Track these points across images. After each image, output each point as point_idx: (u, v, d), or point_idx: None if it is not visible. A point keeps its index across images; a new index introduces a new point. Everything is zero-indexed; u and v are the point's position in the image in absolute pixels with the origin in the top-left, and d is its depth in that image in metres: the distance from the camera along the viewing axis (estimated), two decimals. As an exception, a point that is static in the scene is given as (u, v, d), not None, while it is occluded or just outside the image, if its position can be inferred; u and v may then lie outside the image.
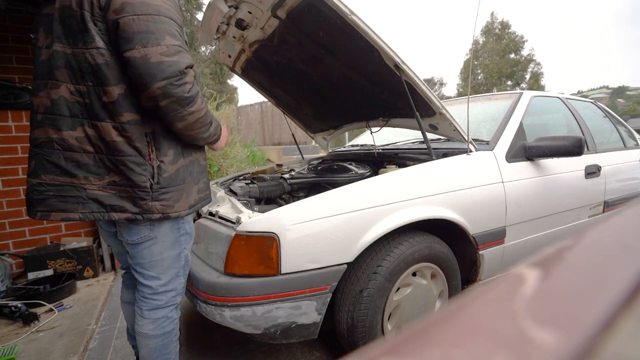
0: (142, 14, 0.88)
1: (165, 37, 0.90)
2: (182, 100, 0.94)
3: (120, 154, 0.95)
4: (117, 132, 0.95)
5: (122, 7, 0.88)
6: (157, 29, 0.89)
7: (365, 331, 1.30)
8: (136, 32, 0.88)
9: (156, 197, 1.00)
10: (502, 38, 26.25)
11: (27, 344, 1.78)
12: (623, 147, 2.54)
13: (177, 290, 1.16)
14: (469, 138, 1.61)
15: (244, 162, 6.28)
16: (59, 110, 0.94)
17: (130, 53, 0.88)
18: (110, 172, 0.97)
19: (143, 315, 1.12)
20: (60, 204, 0.96)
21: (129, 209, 0.99)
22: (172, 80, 0.90)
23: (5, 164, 2.61)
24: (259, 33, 1.80)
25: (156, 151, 1.00)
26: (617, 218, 0.33)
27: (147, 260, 1.08)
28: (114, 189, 0.98)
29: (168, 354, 1.15)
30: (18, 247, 2.65)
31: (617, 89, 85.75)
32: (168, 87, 0.90)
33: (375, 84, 1.84)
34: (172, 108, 0.93)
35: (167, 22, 0.91)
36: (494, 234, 1.59)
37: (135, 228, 1.04)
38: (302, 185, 1.97)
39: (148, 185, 0.98)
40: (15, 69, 2.66)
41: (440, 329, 0.20)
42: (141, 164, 0.97)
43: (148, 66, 0.88)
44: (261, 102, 10.17)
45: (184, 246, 1.15)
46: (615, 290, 0.21)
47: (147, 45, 0.88)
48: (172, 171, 1.03)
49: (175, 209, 1.04)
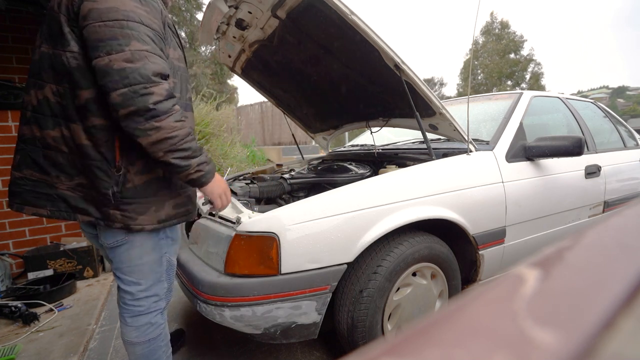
0: (108, 20, 0.86)
1: (130, 43, 0.86)
2: (145, 112, 0.85)
3: (87, 158, 0.95)
4: (86, 136, 0.94)
5: (89, 14, 0.86)
6: (122, 34, 0.86)
7: (365, 331, 1.30)
8: (101, 40, 0.85)
9: (117, 206, 0.97)
10: (502, 38, 26.26)
11: (27, 344, 1.78)
12: (623, 147, 2.54)
13: (159, 296, 1.12)
14: (469, 138, 1.61)
15: (244, 162, 6.28)
16: (42, 109, 0.95)
17: (96, 61, 0.86)
18: (80, 174, 0.97)
19: (126, 322, 1.10)
20: (33, 199, 0.98)
21: (92, 212, 0.98)
22: (134, 87, 0.84)
23: (6, 164, 2.61)
24: (259, 33, 1.80)
25: (124, 159, 0.97)
26: (617, 218, 0.33)
27: (125, 264, 1.05)
28: (81, 191, 0.98)
29: (157, 358, 1.13)
30: (18, 247, 2.65)
31: (617, 89, 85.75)
32: (129, 94, 0.84)
33: (375, 84, 1.84)
34: (132, 119, 0.86)
35: (135, 27, 0.88)
36: (494, 234, 1.59)
37: (110, 231, 1.01)
38: (302, 185, 1.97)
39: (110, 192, 0.96)
40: (15, 69, 2.66)
41: (440, 329, 0.20)
42: (105, 170, 0.95)
43: (111, 73, 0.84)
44: (261, 102, 10.18)
45: (165, 250, 1.10)
46: (615, 290, 0.21)
47: (111, 53, 0.85)
48: (139, 182, 0.99)
49: (138, 221, 0.99)
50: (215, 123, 5.72)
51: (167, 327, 1.18)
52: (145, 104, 0.85)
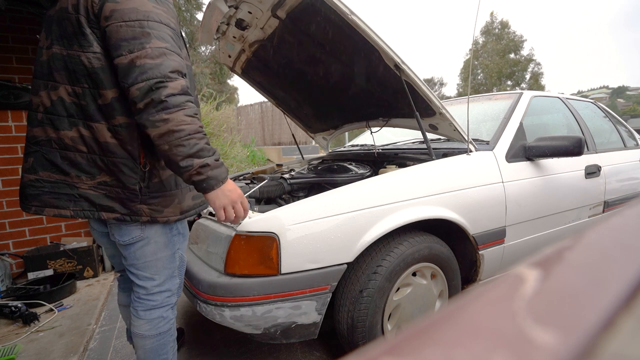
0: (129, 20, 0.88)
1: (151, 41, 0.89)
2: (157, 104, 0.87)
3: (113, 156, 0.97)
4: (111, 134, 0.96)
5: (111, 14, 0.89)
6: (143, 33, 0.89)
7: (365, 331, 1.30)
8: (123, 39, 0.88)
9: (144, 201, 1.00)
10: (501, 38, 26.26)
11: (27, 344, 1.78)
12: (623, 147, 2.54)
13: (171, 291, 1.15)
14: (469, 138, 1.61)
15: (244, 162, 6.28)
16: (57, 110, 0.96)
17: (118, 60, 0.89)
18: (102, 173, 0.98)
19: (138, 316, 1.12)
20: (53, 200, 0.98)
21: (117, 209, 1.00)
22: (151, 82, 0.87)
23: (6, 164, 2.62)
24: (259, 33, 1.80)
25: (151, 155, 1.00)
26: (617, 218, 0.33)
27: (140, 261, 1.08)
28: (104, 189, 0.99)
29: (165, 354, 1.15)
30: (18, 247, 2.65)
31: (617, 89, 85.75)
32: (145, 88, 0.86)
33: (375, 84, 1.84)
34: (145, 111, 0.88)
35: (155, 27, 0.91)
36: (494, 234, 1.59)
37: (126, 228, 1.03)
38: (302, 185, 1.97)
39: (137, 188, 0.99)
40: (15, 69, 2.66)
41: (440, 329, 0.20)
42: (132, 167, 0.98)
43: (132, 70, 0.87)
44: (261, 102, 10.18)
45: (178, 246, 1.14)
46: (615, 290, 0.21)
47: (133, 51, 0.88)
48: (164, 177, 1.03)
49: (164, 214, 1.04)
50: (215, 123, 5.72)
51: (175, 323, 1.20)
52: (159, 96, 0.87)
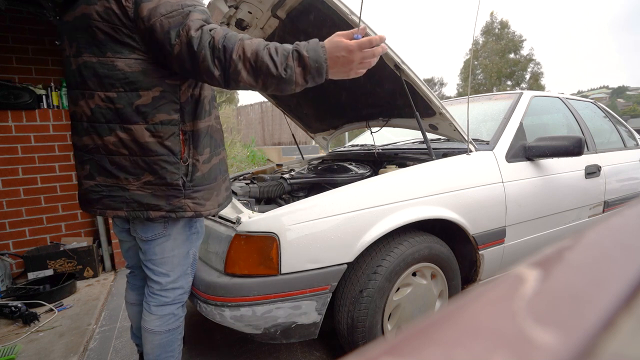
0: (167, 13, 0.90)
1: (189, 16, 0.91)
2: (221, 53, 0.88)
3: (153, 154, 0.99)
4: (150, 133, 0.98)
5: (150, 14, 0.90)
6: (183, 15, 0.91)
7: (365, 331, 1.30)
8: (170, 30, 0.89)
9: (188, 195, 1.03)
10: (501, 38, 26.25)
11: (27, 344, 1.78)
12: (623, 147, 2.54)
13: (184, 289, 1.17)
14: (469, 138, 1.61)
15: (244, 162, 6.28)
16: (97, 118, 0.98)
17: (174, 49, 0.90)
18: (145, 173, 1.00)
19: (151, 311, 1.14)
20: (111, 202, 1.03)
21: (163, 207, 1.02)
22: (204, 44, 0.88)
23: (6, 163, 2.62)
24: (259, 33, 1.80)
25: (193, 150, 1.03)
26: (617, 218, 0.33)
27: (158, 256, 1.10)
28: (150, 188, 1.01)
29: (172, 351, 1.17)
30: (18, 247, 2.65)
31: (617, 89, 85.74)
32: (207, 51, 0.88)
33: (375, 84, 1.84)
34: (210, 60, 0.88)
35: (189, 7, 0.93)
36: (494, 234, 1.59)
37: (150, 225, 1.06)
38: (302, 185, 1.97)
39: (180, 183, 1.01)
40: (15, 69, 2.66)
41: (440, 329, 0.20)
42: (173, 163, 1.00)
43: (189, 46, 0.88)
44: (261, 102, 10.17)
45: (193, 244, 1.17)
46: (615, 290, 0.21)
47: (180, 35, 0.89)
48: (206, 170, 1.06)
49: (207, 207, 1.07)
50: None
51: (184, 322, 1.21)
52: (218, 46, 0.87)
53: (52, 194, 2.79)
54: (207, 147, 1.06)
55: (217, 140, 1.12)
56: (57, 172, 2.80)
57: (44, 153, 2.74)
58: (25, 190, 2.68)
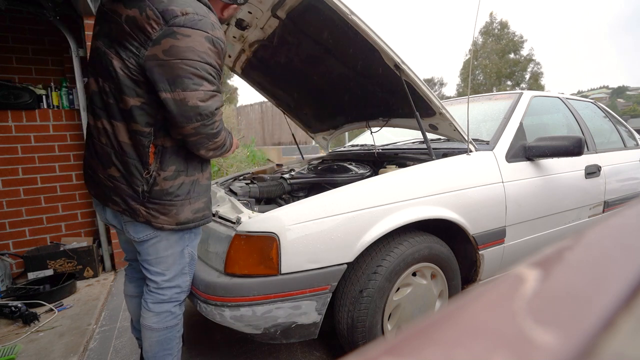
0: (186, 59, 0.94)
1: (203, 84, 0.97)
2: (211, 136, 1.05)
3: (126, 155, 1.04)
4: (128, 135, 1.03)
5: (170, 50, 0.94)
6: (197, 74, 0.96)
7: (365, 331, 1.30)
8: (178, 76, 0.94)
9: (142, 203, 1.06)
10: (501, 38, 26.24)
11: (27, 344, 1.78)
12: (623, 147, 2.54)
13: (181, 288, 1.19)
14: (469, 138, 1.61)
15: (244, 162, 6.28)
16: (94, 100, 1.06)
17: (171, 94, 0.95)
18: (112, 167, 1.05)
19: (148, 308, 1.16)
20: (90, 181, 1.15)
21: (120, 204, 1.07)
22: (204, 121, 1.00)
23: (6, 163, 2.62)
24: (259, 33, 1.80)
25: (159, 164, 1.06)
26: (617, 218, 0.33)
27: (153, 256, 1.13)
28: (112, 182, 1.06)
29: (170, 349, 1.18)
30: (18, 247, 2.65)
31: (617, 89, 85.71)
32: (200, 127, 1.00)
33: (375, 84, 1.84)
34: (200, 142, 1.04)
35: (207, 69, 0.98)
36: (494, 234, 1.59)
37: (140, 225, 1.09)
38: (302, 185, 1.97)
39: (139, 190, 1.05)
40: (15, 69, 2.66)
41: (440, 329, 0.20)
42: (139, 170, 1.04)
43: (185, 109, 0.96)
44: (261, 102, 10.17)
45: (187, 243, 1.18)
46: (615, 290, 0.21)
47: (186, 90, 0.95)
48: (167, 186, 1.07)
49: (159, 220, 1.08)
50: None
51: (182, 320, 1.23)
52: (211, 131, 1.04)
53: (52, 194, 2.79)
54: (172, 165, 1.08)
55: (193, 162, 1.13)
56: (57, 172, 2.80)
57: (44, 153, 2.75)
58: (25, 190, 2.68)
